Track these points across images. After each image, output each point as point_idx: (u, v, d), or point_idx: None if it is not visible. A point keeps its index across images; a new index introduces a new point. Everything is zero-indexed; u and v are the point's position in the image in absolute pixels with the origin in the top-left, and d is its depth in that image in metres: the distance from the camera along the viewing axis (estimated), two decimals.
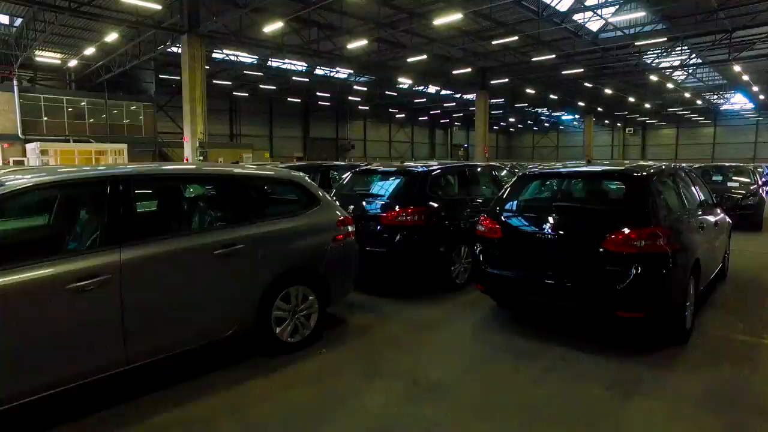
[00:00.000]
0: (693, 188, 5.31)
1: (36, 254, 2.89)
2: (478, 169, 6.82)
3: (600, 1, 22.76)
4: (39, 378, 2.82)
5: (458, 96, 44.54)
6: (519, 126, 78.07)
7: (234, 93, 44.16)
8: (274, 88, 41.49)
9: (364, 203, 5.86)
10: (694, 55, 32.28)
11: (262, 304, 3.84)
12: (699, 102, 50.42)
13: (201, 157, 22.82)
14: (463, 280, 5.99)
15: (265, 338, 3.96)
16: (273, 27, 21.47)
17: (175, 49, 25.19)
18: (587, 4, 23.55)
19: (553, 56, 29.23)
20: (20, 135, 29.44)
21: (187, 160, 22.98)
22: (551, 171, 4.61)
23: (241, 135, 48.86)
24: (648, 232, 3.70)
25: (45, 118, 31.03)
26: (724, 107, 58.26)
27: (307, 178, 4.55)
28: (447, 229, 5.80)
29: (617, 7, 23.32)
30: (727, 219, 6.26)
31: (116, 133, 33.44)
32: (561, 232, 4.02)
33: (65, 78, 34.25)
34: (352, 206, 5.85)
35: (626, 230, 3.74)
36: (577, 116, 64.22)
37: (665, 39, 26.81)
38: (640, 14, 23.51)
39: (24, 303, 2.74)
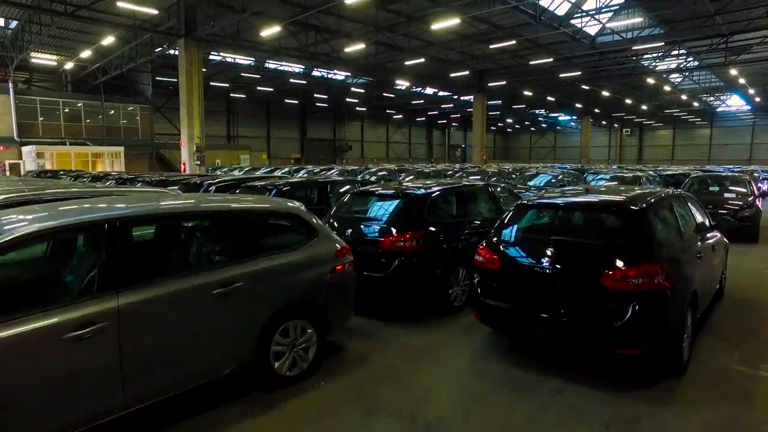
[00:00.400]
0: (690, 212, 5.32)
1: (31, 304, 2.85)
2: (476, 189, 6.81)
3: (598, 5, 22.79)
4: (38, 429, 2.81)
5: (456, 97, 44.54)
6: (516, 126, 78.17)
7: (231, 94, 44.05)
8: (272, 89, 41.44)
9: (361, 226, 5.85)
10: (691, 58, 32.34)
11: (260, 340, 3.84)
12: (696, 104, 50.58)
13: (198, 162, 22.76)
14: (461, 303, 5.99)
15: (264, 373, 3.95)
16: (270, 31, 21.41)
17: (172, 52, 25.12)
18: (585, 8, 23.58)
19: (551, 60, 29.25)
20: (16, 137, 29.31)
21: (184, 164, 22.94)
22: (549, 202, 4.60)
23: (239, 136, 48.78)
24: (646, 270, 3.70)
25: (41, 120, 30.90)
26: (721, 109, 58.48)
27: (304, 208, 4.55)
28: (445, 252, 5.80)
29: (615, 10, 23.33)
30: (725, 240, 6.29)
31: (113, 135, 33.33)
32: (559, 266, 4.02)
33: (61, 80, 34.11)
34: (349, 230, 5.86)
35: (624, 267, 3.75)
36: (574, 117, 64.37)
37: (662, 44, 26.91)
38: (638, 20, 23.53)
39: (21, 355, 2.72)
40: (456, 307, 5.94)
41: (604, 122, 67.30)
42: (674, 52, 30.01)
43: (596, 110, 54.02)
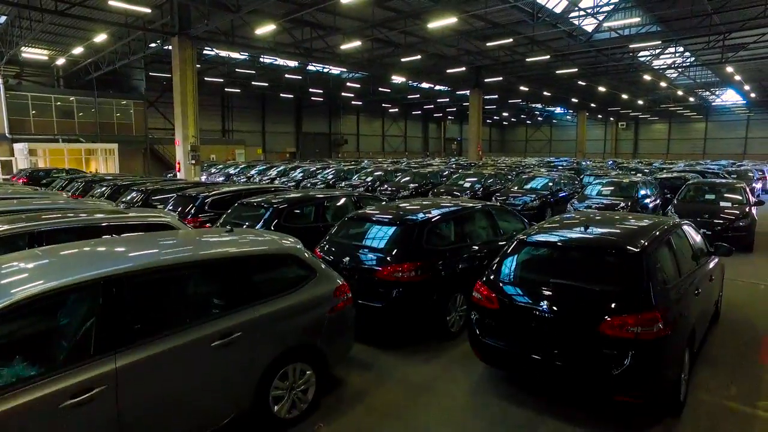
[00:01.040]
0: (688, 242, 5.31)
1: (25, 377, 2.78)
2: (475, 212, 6.76)
3: (595, 3, 22.66)
4: None
5: (452, 90, 44.36)
6: (512, 120, 78.07)
7: (226, 89, 43.68)
8: (267, 84, 41.08)
9: (359, 254, 5.82)
10: (688, 54, 32.32)
11: (259, 386, 3.82)
12: (692, 99, 50.64)
13: (193, 161, 22.60)
14: (458, 328, 5.99)
15: (263, 418, 3.94)
16: (265, 29, 21.15)
17: (166, 47, 24.79)
18: (582, 5, 23.43)
19: (548, 57, 29.14)
20: (7, 134, 28.98)
21: (179, 164, 22.77)
22: (548, 240, 4.57)
23: (233, 131, 48.49)
24: (645, 318, 3.70)
25: (33, 116, 30.52)
26: (716, 103, 58.55)
27: (301, 246, 4.51)
28: (443, 280, 5.79)
29: (612, 10, 23.21)
30: (720, 264, 6.29)
31: (106, 131, 33.01)
32: (557, 311, 4.01)
33: (53, 75, 33.65)
34: (346, 257, 5.82)
35: (623, 315, 3.74)
36: (570, 111, 64.33)
37: (659, 42, 26.83)
38: (635, 20, 23.44)
39: (14, 428, 2.68)
40: (453, 333, 5.94)
41: (600, 116, 67.34)
42: (671, 50, 29.97)
43: (592, 105, 53.96)
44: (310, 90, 43.78)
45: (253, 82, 40.05)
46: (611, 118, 68.44)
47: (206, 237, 4.41)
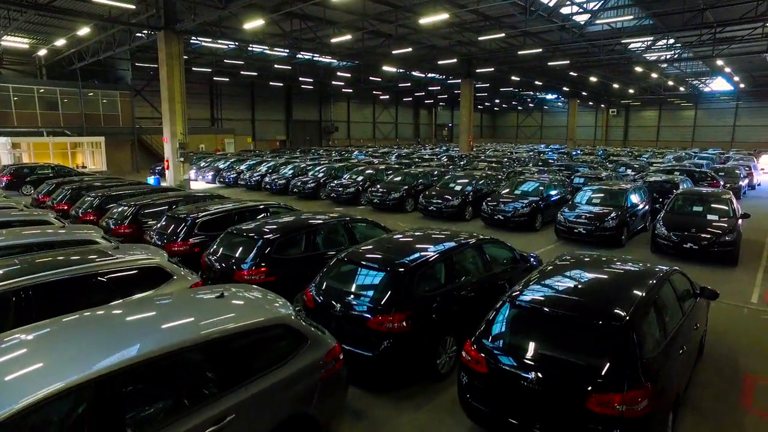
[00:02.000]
0: (676, 293, 5.36)
1: None
2: (468, 249, 6.77)
3: None
4: None
5: (443, 78, 44.01)
6: (503, 106, 77.82)
7: (214, 78, 42.96)
8: (256, 73, 40.46)
9: (348, 299, 5.82)
10: (679, 45, 32.24)
11: None
12: (682, 89, 50.75)
13: (182, 159, 22.32)
14: (448, 369, 6.06)
15: None
16: (254, 24, 20.74)
17: (152, 38, 24.20)
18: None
19: (540, 50, 28.93)
20: None
21: (167, 161, 22.46)
22: (537, 307, 4.59)
23: (222, 119, 47.88)
24: (631, 396, 3.77)
25: (15, 108, 29.86)
26: (706, 89, 58.72)
27: (292, 311, 4.51)
28: (434, 325, 5.83)
29: (602, 2, 22.97)
30: (705, 303, 6.38)
31: (92, 123, 32.41)
32: (544, 382, 4.07)
33: (35, 64, 32.84)
34: (337, 303, 5.82)
35: (609, 393, 3.81)
36: (561, 98, 64.20)
37: (651, 38, 26.74)
38: (628, 17, 23.31)
39: None
40: (443, 374, 6.01)
41: (591, 103, 67.29)
42: (662, 42, 29.90)
43: (583, 93, 53.89)
44: (300, 79, 43.20)
45: (242, 72, 39.40)
46: (602, 105, 68.47)
47: (195, 310, 4.34)
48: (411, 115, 70.68)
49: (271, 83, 45.94)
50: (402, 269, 5.80)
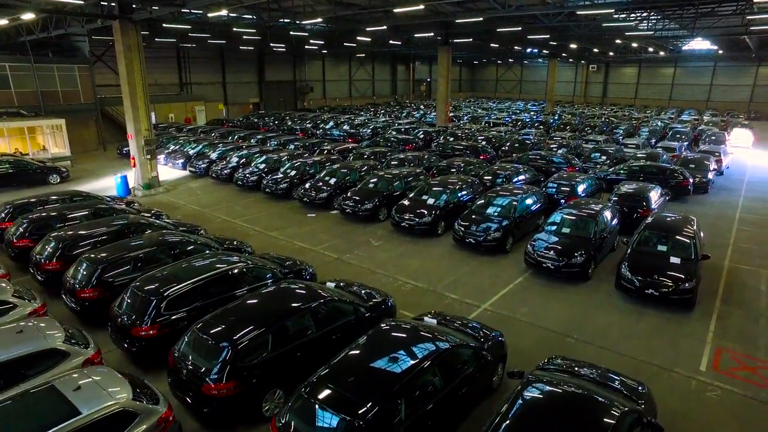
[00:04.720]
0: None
1: None
2: (304, 315, 8.05)
3: None
4: None
5: (420, 48, 42.53)
6: (483, 60, 75.94)
7: (181, 45, 40.59)
8: (224, 41, 38.35)
9: (190, 365, 7.26)
10: (659, 16, 31.55)
11: None
12: (662, 53, 50.12)
13: (148, 156, 21.55)
14: (272, 413, 7.43)
15: None
16: (217, 13, 19.47)
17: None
18: None
19: (519, 28, 27.99)
20: None
21: (133, 159, 21.65)
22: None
23: (192, 83, 45.74)
24: None
25: None
26: (685, 47, 58.16)
27: (130, 394, 5.65)
28: (259, 384, 7.25)
29: None
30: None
31: (50, 101, 30.57)
32: None
33: None
34: (184, 369, 7.27)
35: None
36: (543, 54, 62.85)
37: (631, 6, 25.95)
38: None
39: None
40: (268, 417, 7.44)
41: (571, 60, 66.23)
42: (644, 14, 29.18)
43: (563, 54, 52.87)
44: (272, 45, 41.21)
45: (209, 41, 37.29)
46: (582, 61, 67.50)
47: None
48: (388, 72, 68.61)
49: (241, 47, 43.75)
50: (230, 346, 7.01)
